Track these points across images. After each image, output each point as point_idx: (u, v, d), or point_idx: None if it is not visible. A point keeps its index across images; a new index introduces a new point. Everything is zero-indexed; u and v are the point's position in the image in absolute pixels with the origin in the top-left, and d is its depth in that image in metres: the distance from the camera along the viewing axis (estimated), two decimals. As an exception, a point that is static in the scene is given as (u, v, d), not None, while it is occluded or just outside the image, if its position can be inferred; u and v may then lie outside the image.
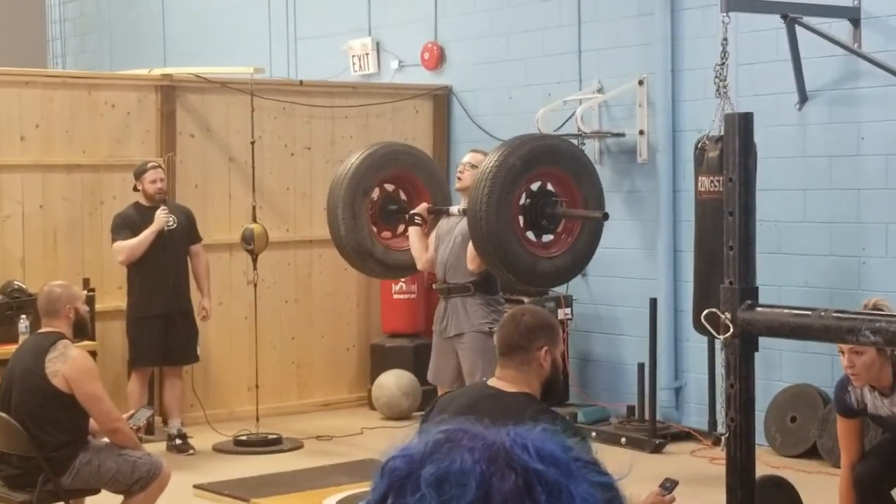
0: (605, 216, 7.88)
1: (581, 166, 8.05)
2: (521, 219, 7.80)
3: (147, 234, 8.99)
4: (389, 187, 8.59)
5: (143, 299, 9.15)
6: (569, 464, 1.40)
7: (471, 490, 1.35)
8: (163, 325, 9.14)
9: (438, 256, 7.98)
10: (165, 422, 9.50)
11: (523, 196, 7.78)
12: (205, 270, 9.45)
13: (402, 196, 8.63)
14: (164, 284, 9.12)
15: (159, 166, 9.29)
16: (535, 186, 7.88)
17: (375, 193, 8.51)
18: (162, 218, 9.03)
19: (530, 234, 7.92)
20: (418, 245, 8.13)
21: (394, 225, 8.58)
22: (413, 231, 8.17)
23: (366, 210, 8.40)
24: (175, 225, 9.13)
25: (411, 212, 8.28)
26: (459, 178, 8.04)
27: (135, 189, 9.21)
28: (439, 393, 8.10)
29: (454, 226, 7.93)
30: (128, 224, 9.08)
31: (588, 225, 8.00)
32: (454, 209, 8.07)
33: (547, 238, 8.01)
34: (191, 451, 9.21)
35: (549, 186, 7.93)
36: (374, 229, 8.49)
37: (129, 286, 9.26)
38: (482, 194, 7.47)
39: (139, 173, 9.15)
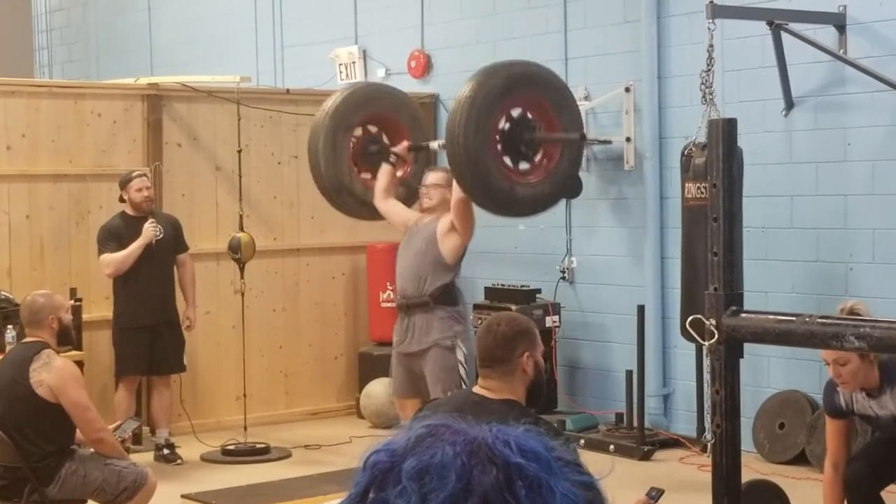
0: (583, 137, 7.94)
1: (560, 94, 8.03)
2: (499, 145, 7.74)
3: (135, 248, 8.95)
4: (373, 128, 8.58)
5: (130, 310, 9.12)
6: (550, 460, 1.40)
7: (451, 482, 1.35)
8: (149, 336, 9.11)
9: (398, 267, 7.94)
10: (153, 432, 9.48)
11: (502, 121, 7.74)
12: (191, 280, 9.42)
13: (385, 139, 8.61)
14: (150, 295, 9.09)
15: (144, 175, 9.25)
16: (515, 113, 7.82)
17: (358, 132, 8.49)
18: (150, 231, 8.97)
19: (508, 160, 7.86)
20: (384, 182, 8.12)
21: (374, 166, 8.47)
22: (384, 169, 8.16)
23: (347, 146, 8.40)
24: (162, 235, 9.09)
25: (392, 149, 8.28)
26: (429, 199, 7.91)
27: (121, 200, 9.17)
28: (398, 408, 8.15)
29: (418, 232, 7.89)
30: (114, 235, 9.03)
31: (567, 152, 7.97)
32: (434, 144, 8.03)
33: (525, 166, 7.95)
34: (178, 461, 9.19)
35: (528, 114, 7.86)
36: (355, 169, 8.48)
37: (115, 296, 9.23)
38: (461, 116, 7.46)
39: (124, 183, 9.11)
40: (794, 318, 3.87)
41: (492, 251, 10.95)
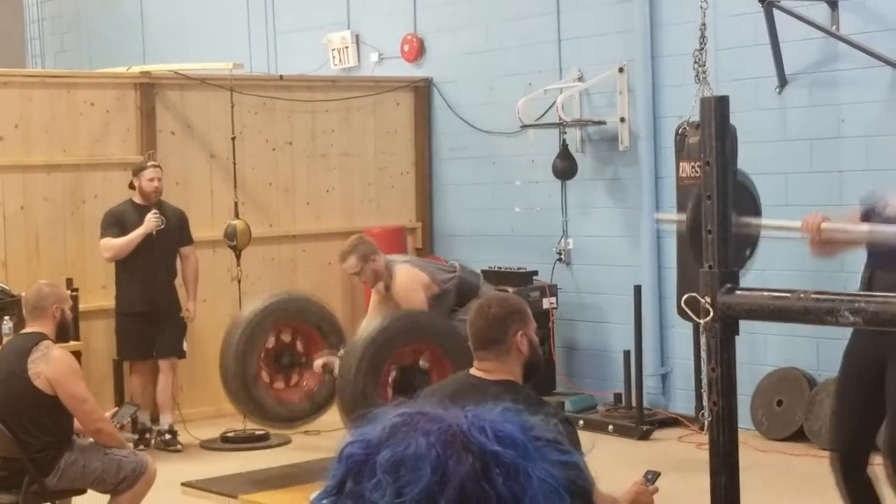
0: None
1: (448, 338, 8.09)
2: (389, 391, 7.79)
3: (135, 236, 9.01)
4: (286, 338, 8.56)
5: (130, 296, 9.18)
6: (527, 445, 1.39)
7: (426, 474, 1.34)
8: (148, 321, 9.17)
9: None
10: (156, 419, 9.48)
11: (392, 372, 7.76)
12: (193, 273, 9.47)
13: (298, 346, 8.60)
14: (149, 282, 9.14)
15: (159, 166, 9.30)
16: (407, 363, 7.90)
17: (271, 342, 8.48)
18: (152, 222, 9.04)
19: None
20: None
21: (287, 375, 8.55)
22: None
23: (258, 362, 8.35)
24: (163, 225, 9.13)
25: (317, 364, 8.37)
26: (366, 281, 8.36)
27: (130, 186, 9.23)
28: None
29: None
30: (119, 221, 9.09)
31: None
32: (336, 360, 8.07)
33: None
34: (178, 447, 9.20)
35: (421, 361, 7.98)
36: (268, 380, 8.44)
37: (116, 282, 9.29)
38: (351, 371, 7.52)
39: (138, 170, 9.19)
40: (789, 295, 3.87)
41: (488, 234, 10.97)
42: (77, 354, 7.32)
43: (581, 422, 9.22)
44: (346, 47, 12.02)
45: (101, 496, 6.32)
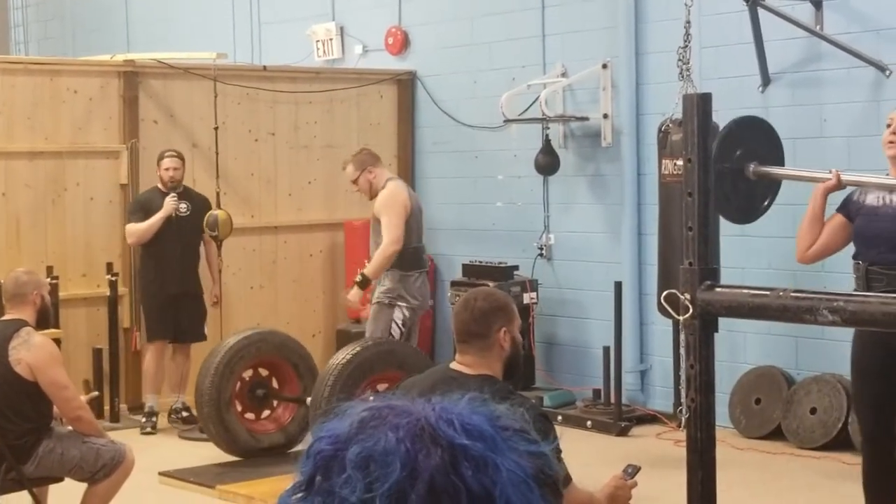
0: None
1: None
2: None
3: (155, 221, 9.28)
4: (263, 371, 8.51)
5: (153, 279, 9.44)
6: (495, 437, 1.39)
7: (395, 470, 1.34)
8: (171, 304, 9.39)
9: None
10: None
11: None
12: (215, 258, 9.67)
13: (274, 383, 8.55)
14: (172, 266, 9.38)
15: (176, 155, 9.50)
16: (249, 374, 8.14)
17: (248, 373, 8.43)
18: (170, 205, 9.31)
19: None
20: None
21: (259, 409, 8.49)
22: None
23: (233, 390, 8.29)
24: (188, 212, 9.38)
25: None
26: (361, 191, 8.84)
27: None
28: None
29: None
30: (143, 207, 9.37)
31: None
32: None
33: None
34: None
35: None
36: (240, 409, 8.36)
37: (141, 266, 9.57)
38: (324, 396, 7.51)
39: (159, 159, 9.48)
40: (768, 293, 3.88)
41: (469, 228, 10.97)
42: (57, 342, 7.29)
43: (559, 417, 9.24)
44: (331, 39, 12.01)
45: (79, 484, 6.31)
